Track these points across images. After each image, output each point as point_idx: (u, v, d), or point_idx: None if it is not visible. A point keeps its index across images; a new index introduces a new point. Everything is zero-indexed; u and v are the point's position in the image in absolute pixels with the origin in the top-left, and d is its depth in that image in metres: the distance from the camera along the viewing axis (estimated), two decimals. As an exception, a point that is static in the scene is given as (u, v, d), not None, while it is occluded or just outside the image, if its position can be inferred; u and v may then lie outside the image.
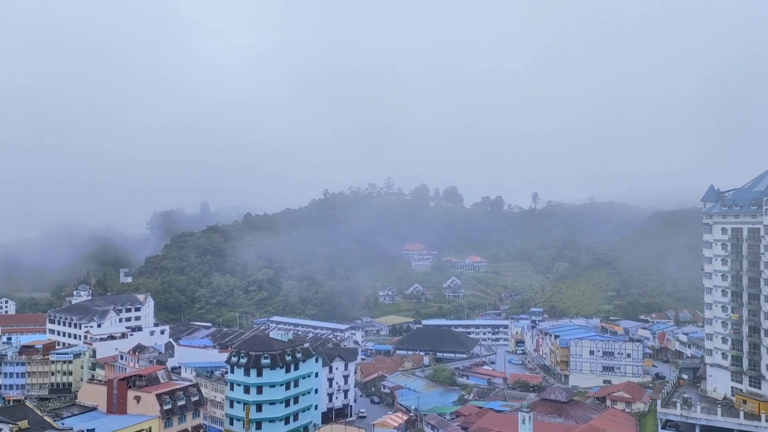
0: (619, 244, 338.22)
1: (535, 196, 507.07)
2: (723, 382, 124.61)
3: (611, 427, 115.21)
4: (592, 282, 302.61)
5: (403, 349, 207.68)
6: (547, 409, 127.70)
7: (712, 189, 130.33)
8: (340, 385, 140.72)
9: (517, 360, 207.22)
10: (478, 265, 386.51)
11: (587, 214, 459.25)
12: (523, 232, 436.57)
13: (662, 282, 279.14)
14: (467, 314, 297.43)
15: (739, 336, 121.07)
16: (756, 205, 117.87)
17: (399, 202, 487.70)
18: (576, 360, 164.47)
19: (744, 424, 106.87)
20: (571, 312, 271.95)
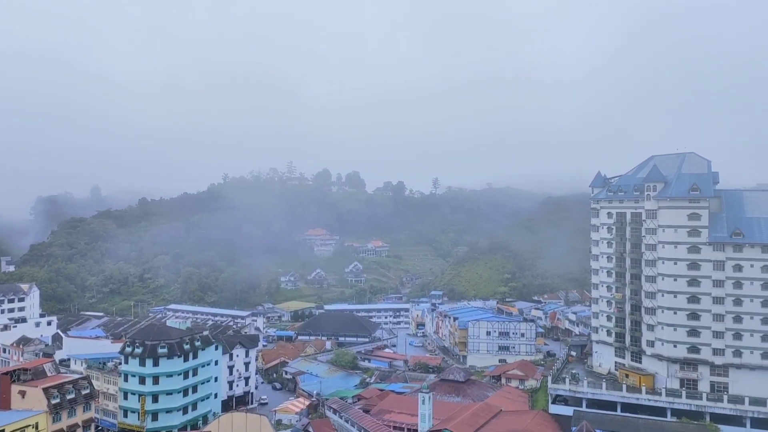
0: (514, 228, 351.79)
1: (435, 181, 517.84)
2: (607, 358, 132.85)
3: (505, 403, 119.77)
4: (489, 265, 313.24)
5: (305, 335, 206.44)
6: (446, 389, 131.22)
7: (600, 175, 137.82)
8: (241, 373, 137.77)
9: (417, 342, 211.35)
10: (380, 249, 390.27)
11: (485, 199, 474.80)
12: (424, 217, 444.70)
13: (554, 264, 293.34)
14: (369, 298, 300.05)
15: (622, 314, 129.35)
16: (638, 191, 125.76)
17: (301, 187, 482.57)
18: (474, 341, 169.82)
19: (626, 397, 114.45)
20: (470, 294, 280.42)
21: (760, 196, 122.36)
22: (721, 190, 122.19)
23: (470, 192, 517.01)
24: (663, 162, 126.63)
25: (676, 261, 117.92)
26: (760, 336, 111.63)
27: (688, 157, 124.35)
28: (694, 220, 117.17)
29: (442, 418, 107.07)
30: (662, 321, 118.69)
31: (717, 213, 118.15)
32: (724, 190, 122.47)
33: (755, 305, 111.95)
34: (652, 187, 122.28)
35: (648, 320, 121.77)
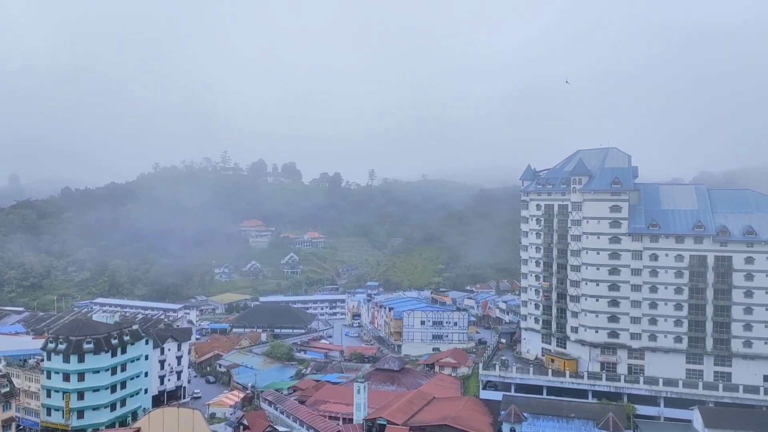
0: (448, 219, 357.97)
1: (371, 173, 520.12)
2: (535, 344, 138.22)
3: (439, 390, 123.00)
4: (424, 256, 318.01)
5: (240, 327, 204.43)
6: (381, 378, 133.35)
7: (529, 168, 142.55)
8: (172, 367, 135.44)
9: (353, 333, 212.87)
10: (316, 241, 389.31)
11: (420, 191, 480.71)
12: (361, 209, 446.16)
13: (486, 255, 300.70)
14: (305, 290, 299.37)
15: (549, 302, 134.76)
16: (565, 184, 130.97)
17: (236, 178, 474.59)
18: (408, 330, 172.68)
19: (552, 381, 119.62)
20: (405, 285, 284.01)
21: (674, 190, 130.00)
22: (640, 183, 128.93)
23: (405, 184, 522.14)
24: (588, 156, 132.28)
25: (598, 251, 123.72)
26: (672, 321, 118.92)
27: (610, 152, 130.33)
28: (616, 212, 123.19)
29: (378, 407, 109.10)
30: (585, 308, 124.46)
31: (636, 205, 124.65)
32: (642, 184, 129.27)
33: (669, 292, 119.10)
34: (577, 180, 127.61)
35: (572, 307, 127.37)
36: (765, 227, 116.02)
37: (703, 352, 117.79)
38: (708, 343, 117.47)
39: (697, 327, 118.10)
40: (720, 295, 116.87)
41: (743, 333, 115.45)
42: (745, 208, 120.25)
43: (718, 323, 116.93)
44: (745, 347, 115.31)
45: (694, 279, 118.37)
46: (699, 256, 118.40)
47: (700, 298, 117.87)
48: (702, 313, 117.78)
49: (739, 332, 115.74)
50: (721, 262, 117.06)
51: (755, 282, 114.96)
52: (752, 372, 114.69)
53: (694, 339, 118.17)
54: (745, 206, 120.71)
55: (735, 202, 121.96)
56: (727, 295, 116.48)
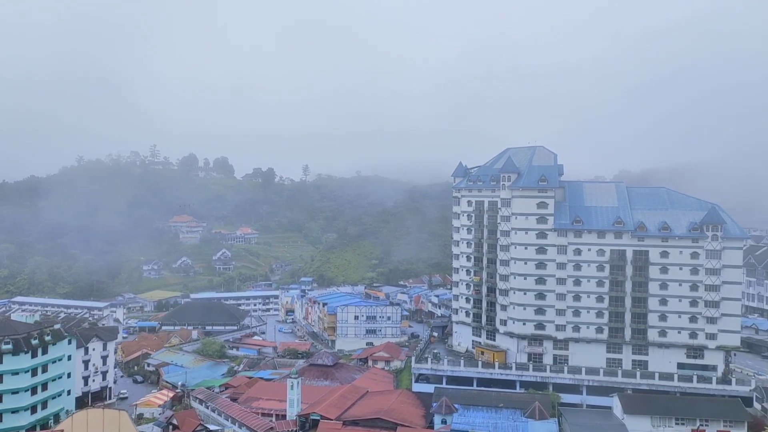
0: (382, 215, 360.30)
1: (305, 168, 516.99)
2: (466, 337, 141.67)
3: (372, 384, 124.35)
4: (358, 251, 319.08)
5: (170, 325, 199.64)
6: (314, 374, 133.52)
7: (461, 166, 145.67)
8: (98, 367, 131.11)
9: (287, 329, 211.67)
10: (249, 236, 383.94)
11: (354, 187, 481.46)
12: (294, 204, 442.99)
13: (419, 250, 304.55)
14: (238, 286, 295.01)
15: (480, 296, 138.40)
16: (495, 181, 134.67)
17: (165, 172, 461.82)
18: (342, 325, 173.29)
19: (482, 372, 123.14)
20: (339, 280, 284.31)
21: (596, 188, 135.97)
22: (565, 181, 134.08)
23: (340, 180, 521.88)
24: (517, 154, 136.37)
25: (526, 246, 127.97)
26: (594, 312, 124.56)
27: (537, 150, 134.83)
28: (542, 209, 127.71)
29: (311, 402, 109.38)
30: (514, 301, 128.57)
31: (561, 202, 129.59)
32: (567, 181, 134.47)
33: (591, 285, 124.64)
34: (506, 177, 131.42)
35: (502, 301, 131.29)
36: (678, 223, 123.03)
37: (622, 342, 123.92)
38: (627, 333, 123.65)
39: (616, 318, 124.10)
40: (637, 288, 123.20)
41: (659, 323, 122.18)
42: (660, 205, 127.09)
43: (636, 314, 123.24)
44: (661, 336, 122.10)
45: (614, 272, 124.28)
46: (619, 250, 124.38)
47: (619, 290, 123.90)
48: (621, 305, 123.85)
49: (655, 322, 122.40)
50: (639, 256, 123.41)
51: (669, 275, 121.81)
52: (667, 360, 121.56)
53: (614, 329, 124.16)
54: (660, 203, 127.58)
55: (651, 200, 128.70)
56: (644, 288, 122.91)
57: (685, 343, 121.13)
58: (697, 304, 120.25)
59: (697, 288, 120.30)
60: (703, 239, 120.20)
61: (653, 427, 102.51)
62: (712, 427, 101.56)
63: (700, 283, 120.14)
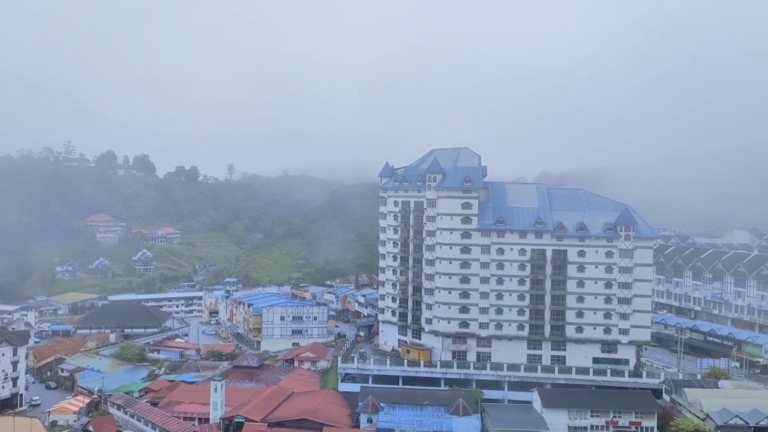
0: (309, 215, 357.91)
1: (230, 167, 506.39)
2: (392, 336, 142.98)
3: (298, 385, 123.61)
4: (284, 251, 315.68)
5: (86, 328, 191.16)
6: (239, 376, 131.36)
7: (387, 166, 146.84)
8: (7, 373, 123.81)
9: (211, 330, 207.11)
10: (171, 236, 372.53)
11: (281, 186, 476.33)
12: (219, 204, 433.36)
13: (346, 250, 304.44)
14: (159, 287, 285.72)
15: (405, 295, 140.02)
16: (421, 181, 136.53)
17: (82, 169, 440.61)
18: (268, 326, 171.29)
19: (407, 371, 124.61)
20: (265, 280, 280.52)
21: (518, 189, 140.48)
22: (489, 182, 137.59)
23: (266, 179, 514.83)
24: (442, 155, 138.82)
25: (451, 246, 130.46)
26: (516, 310, 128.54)
27: (462, 151, 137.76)
28: (467, 209, 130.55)
29: (235, 405, 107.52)
30: (439, 300, 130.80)
31: (485, 202, 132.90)
32: (491, 183, 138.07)
33: (513, 283, 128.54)
34: (432, 178, 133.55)
35: (427, 300, 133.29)
36: (594, 223, 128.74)
37: (542, 339, 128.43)
38: (546, 329, 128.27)
39: (537, 315, 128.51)
40: (556, 286, 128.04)
41: (576, 320, 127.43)
42: (578, 206, 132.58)
43: (554, 311, 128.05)
44: (578, 332, 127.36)
45: (535, 271, 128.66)
46: (539, 250, 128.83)
47: (539, 288, 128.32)
48: (541, 303, 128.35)
49: (572, 319, 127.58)
50: (558, 255, 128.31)
51: (586, 273, 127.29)
52: (583, 355, 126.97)
53: (535, 326, 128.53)
54: (578, 204, 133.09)
55: (570, 201, 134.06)
56: (562, 286, 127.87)
57: (600, 338, 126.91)
58: (611, 301, 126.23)
59: (611, 286, 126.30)
60: (617, 239, 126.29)
61: (570, 420, 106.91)
62: (625, 418, 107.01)
63: (614, 280, 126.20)
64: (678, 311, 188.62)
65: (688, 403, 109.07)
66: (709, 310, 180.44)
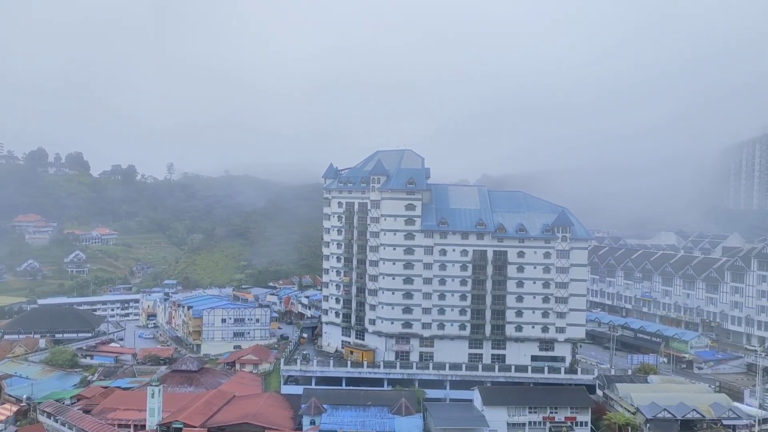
0: (252, 215, 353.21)
1: (170, 166, 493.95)
2: (335, 337, 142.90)
3: (239, 389, 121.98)
4: (226, 253, 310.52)
5: (13, 334, 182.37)
6: (178, 380, 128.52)
7: (332, 167, 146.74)
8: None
9: (148, 334, 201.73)
10: (107, 237, 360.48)
11: (223, 186, 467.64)
12: (158, 204, 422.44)
13: (290, 251, 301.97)
14: (93, 290, 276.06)
15: (349, 296, 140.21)
16: (365, 183, 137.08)
17: (9, 167, 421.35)
18: (208, 329, 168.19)
19: (351, 371, 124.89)
20: (205, 282, 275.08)
21: (460, 191, 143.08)
22: (432, 184, 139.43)
23: (207, 179, 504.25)
24: (386, 157, 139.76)
25: (395, 247, 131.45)
26: (458, 310, 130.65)
27: (406, 153, 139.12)
28: (410, 210, 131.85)
29: (174, 410, 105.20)
30: (382, 301, 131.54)
31: (428, 204, 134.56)
32: (434, 184, 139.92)
33: (455, 284, 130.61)
34: (376, 179, 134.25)
35: (371, 301, 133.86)
36: (533, 225, 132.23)
37: (483, 338, 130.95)
38: (487, 329, 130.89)
39: (478, 315, 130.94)
40: (497, 286, 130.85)
41: (515, 319, 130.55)
42: (517, 208, 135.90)
43: (495, 311, 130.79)
44: (517, 331, 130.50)
45: (477, 271, 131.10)
46: (481, 250, 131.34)
47: (480, 288, 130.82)
48: (482, 303, 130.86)
49: (512, 318, 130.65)
50: (498, 256, 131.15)
51: (525, 273, 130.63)
52: (522, 353, 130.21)
53: (476, 326, 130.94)
54: (517, 206, 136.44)
55: (510, 203, 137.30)
56: (502, 286, 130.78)
57: (538, 336, 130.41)
58: (548, 300, 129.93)
59: (549, 285, 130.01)
60: (554, 240, 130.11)
61: (509, 417, 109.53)
62: (561, 413, 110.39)
63: (551, 280, 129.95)
64: (611, 309, 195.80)
65: (620, 398, 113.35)
66: (639, 308, 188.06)
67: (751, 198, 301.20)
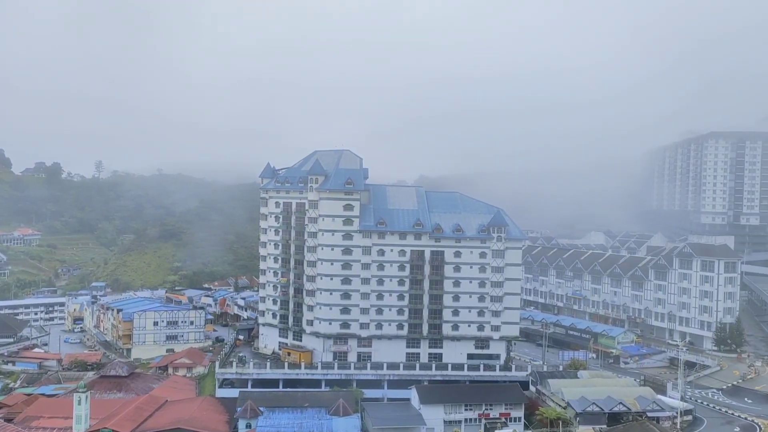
0: (186, 215, 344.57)
1: (99, 164, 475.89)
2: (272, 339, 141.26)
3: (172, 393, 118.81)
4: (158, 254, 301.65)
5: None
6: (107, 386, 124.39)
7: (269, 167, 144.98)
8: None
9: (74, 339, 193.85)
10: (29, 238, 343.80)
11: (155, 185, 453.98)
12: (86, 203, 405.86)
13: (225, 251, 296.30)
14: (15, 293, 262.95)
15: (287, 297, 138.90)
16: (303, 183, 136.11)
17: None
18: (139, 332, 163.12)
19: (288, 373, 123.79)
20: (137, 285, 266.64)
21: (398, 191, 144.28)
22: (370, 184, 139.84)
23: (139, 177, 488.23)
24: (324, 157, 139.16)
25: (333, 247, 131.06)
26: (396, 310, 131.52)
27: (344, 153, 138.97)
28: (348, 211, 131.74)
29: (102, 417, 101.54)
30: (320, 302, 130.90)
31: (366, 204, 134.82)
32: (372, 185, 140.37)
33: (393, 284, 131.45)
34: (314, 179, 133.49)
35: (309, 301, 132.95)
36: (469, 225, 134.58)
37: (420, 337, 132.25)
38: (424, 328, 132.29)
39: (416, 315, 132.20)
40: (434, 286, 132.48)
41: (452, 318, 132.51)
42: (454, 209, 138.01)
43: (432, 310, 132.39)
44: (454, 330, 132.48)
45: (414, 271, 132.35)
46: (418, 251, 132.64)
47: (418, 288, 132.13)
48: (420, 302, 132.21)
49: (449, 317, 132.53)
50: (436, 256, 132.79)
51: (462, 273, 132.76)
52: (458, 351, 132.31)
53: (413, 325, 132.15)
54: (454, 207, 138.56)
55: (447, 203, 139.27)
56: (439, 285, 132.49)
57: (474, 335, 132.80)
58: (484, 299, 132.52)
59: (485, 284, 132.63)
60: (490, 240, 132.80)
61: (446, 414, 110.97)
62: (496, 410, 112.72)
63: (487, 280, 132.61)
64: (543, 307, 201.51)
65: (552, 393, 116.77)
66: (570, 305, 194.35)
67: (674, 199, 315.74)
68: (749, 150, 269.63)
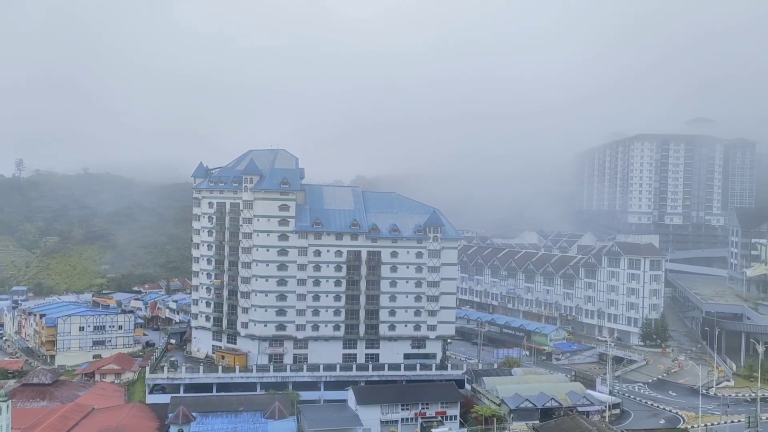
0: (115, 216, 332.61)
1: (20, 163, 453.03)
2: (206, 342, 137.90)
3: (99, 401, 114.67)
4: (84, 256, 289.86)
5: None
6: (29, 395, 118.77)
7: (202, 166, 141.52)
8: None
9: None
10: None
11: (81, 185, 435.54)
12: (5, 203, 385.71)
13: (156, 253, 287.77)
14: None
15: (221, 299, 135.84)
16: (237, 183, 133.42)
17: None
18: (64, 338, 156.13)
19: (222, 377, 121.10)
20: (61, 288, 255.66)
21: (335, 191, 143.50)
22: (306, 184, 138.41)
23: (63, 177, 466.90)
24: (259, 156, 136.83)
25: (268, 248, 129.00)
26: (332, 311, 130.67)
27: (280, 153, 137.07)
28: (284, 211, 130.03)
29: (24, 427, 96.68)
30: (256, 303, 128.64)
31: (302, 205, 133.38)
32: (308, 185, 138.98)
33: (330, 285, 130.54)
34: (249, 179, 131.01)
35: (243, 303, 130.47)
36: (406, 225, 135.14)
37: (357, 338, 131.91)
38: (361, 329, 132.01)
39: (352, 315, 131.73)
40: (371, 286, 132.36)
41: (389, 318, 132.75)
42: (391, 209, 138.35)
43: (369, 311, 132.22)
44: (390, 330, 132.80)
45: (351, 272, 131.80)
46: (355, 251, 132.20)
47: (355, 289, 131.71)
48: (357, 303, 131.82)
49: (385, 317, 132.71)
50: (372, 256, 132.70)
51: (398, 273, 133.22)
52: (395, 351, 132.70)
53: (350, 326, 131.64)
54: (391, 207, 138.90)
55: (383, 204, 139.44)
56: (376, 286, 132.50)
57: (410, 335, 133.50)
58: (420, 299, 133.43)
59: (421, 284, 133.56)
60: (426, 240, 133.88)
61: (383, 415, 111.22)
62: (432, 408, 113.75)
63: (423, 280, 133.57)
64: (479, 306, 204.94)
65: (487, 391, 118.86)
66: (505, 304, 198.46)
67: (603, 199, 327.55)
68: (673, 152, 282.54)
